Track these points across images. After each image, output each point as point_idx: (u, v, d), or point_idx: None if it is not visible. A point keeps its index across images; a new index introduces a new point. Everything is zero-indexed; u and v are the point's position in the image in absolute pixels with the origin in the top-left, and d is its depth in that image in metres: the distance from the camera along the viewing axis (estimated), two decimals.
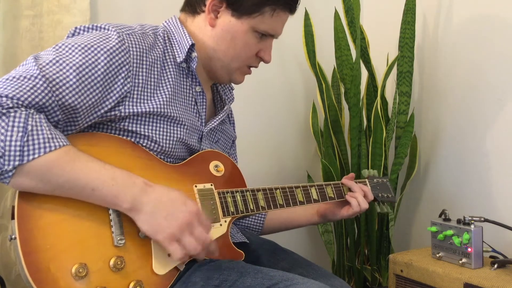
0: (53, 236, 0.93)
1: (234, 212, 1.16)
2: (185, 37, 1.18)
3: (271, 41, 1.24)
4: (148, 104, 1.09)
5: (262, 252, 1.30)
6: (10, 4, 1.47)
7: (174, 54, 1.17)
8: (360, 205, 1.35)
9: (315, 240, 2.23)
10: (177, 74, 1.17)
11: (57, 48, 1.02)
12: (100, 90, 1.03)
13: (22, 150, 0.90)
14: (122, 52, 1.05)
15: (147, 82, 1.10)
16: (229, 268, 1.06)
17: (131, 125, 1.09)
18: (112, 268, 0.96)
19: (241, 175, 1.24)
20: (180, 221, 0.98)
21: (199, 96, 1.22)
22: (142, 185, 0.99)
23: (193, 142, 1.19)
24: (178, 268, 1.05)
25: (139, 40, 1.10)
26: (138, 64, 1.08)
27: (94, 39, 1.05)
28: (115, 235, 0.98)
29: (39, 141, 0.91)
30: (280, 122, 2.17)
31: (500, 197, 1.82)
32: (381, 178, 1.51)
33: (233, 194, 1.17)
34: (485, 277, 1.45)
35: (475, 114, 1.89)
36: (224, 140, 1.36)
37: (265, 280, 1.02)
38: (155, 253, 1.02)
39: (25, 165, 0.90)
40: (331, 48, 2.01)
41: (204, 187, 1.15)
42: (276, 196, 1.24)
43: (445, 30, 2.00)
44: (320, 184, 1.35)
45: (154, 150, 1.11)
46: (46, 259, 0.91)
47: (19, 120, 0.90)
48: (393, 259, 1.67)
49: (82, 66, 1.00)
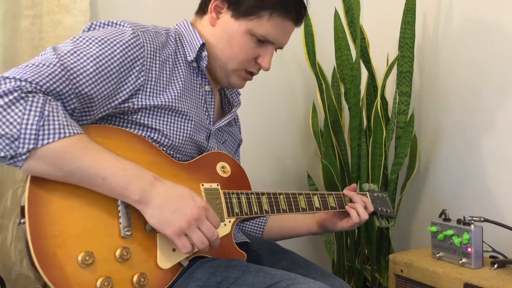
0: (62, 223, 0.94)
1: (239, 213, 1.17)
2: (196, 37, 1.21)
3: (271, 49, 1.24)
4: (160, 98, 1.12)
5: (263, 252, 1.31)
6: (10, 4, 1.47)
7: (185, 54, 1.21)
8: (360, 216, 1.36)
9: (315, 240, 2.23)
10: (188, 73, 1.20)
11: (75, 40, 1.05)
12: (115, 81, 1.06)
13: (37, 134, 0.91)
14: (137, 46, 1.09)
15: (159, 78, 1.13)
16: (231, 266, 1.07)
17: (143, 118, 1.11)
18: (117, 258, 0.98)
19: (246, 177, 1.26)
20: (188, 216, 0.99)
21: (208, 95, 1.24)
22: (152, 179, 1.00)
23: (201, 139, 1.21)
24: (182, 264, 1.06)
25: (153, 38, 1.13)
26: (151, 60, 1.11)
27: (110, 34, 1.08)
28: (123, 226, 0.99)
29: (55, 126, 0.93)
30: (280, 122, 2.17)
31: (500, 197, 1.82)
32: (381, 193, 1.52)
33: (238, 195, 1.19)
34: (485, 277, 1.45)
35: (475, 114, 1.89)
36: (231, 142, 1.38)
37: (266, 278, 1.03)
38: (160, 247, 1.03)
39: (39, 149, 0.92)
40: (331, 48, 2.02)
41: (211, 187, 1.16)
42: (280, 201, 1.25)
43: (445, 30, 2.00)
44: (322, 193, 1.36)
45: (164, 144, 1.13)
46: (54, 245, 0.92)
47: (37, 105, 0.92)
48: (393, 259, 1.67)
49: (99, 57, 1.03)
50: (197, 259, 1.10)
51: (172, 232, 0.99)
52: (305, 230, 1.45)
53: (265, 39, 1.21)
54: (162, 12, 1.81)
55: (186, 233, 1.00)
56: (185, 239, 1.00)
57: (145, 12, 1.78)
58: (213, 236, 1.03)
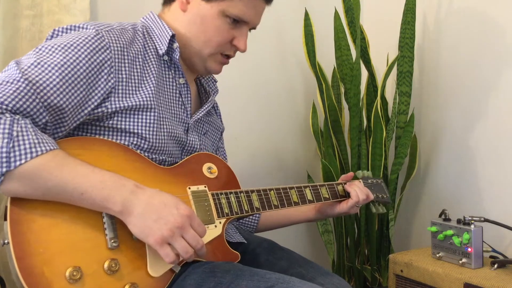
0: (46, 240, 0.92)
1: (229, 213, 1.16)
2: (165, 29, 1.18)
3: (246, 29, 1.22)
4: (133, 98, 1.09)
5: (261, 251, 1.30)
6: (10, 4, 1.47)
7: (155, 47, 1.18)
8: (359, 195, 1.36)
9: (315, 240, 2.23)
10: (160, 67, 1.17)
11: (37, 51, 1.02)
12: (84, 88, 1.02)
13: (9, 156, 0.89)
14: (102, 48, 1.06)
15: (130, 77, 1.10)
16: (224, 270, 1.05)
17: (119, 123, 1.08)
18: (106, 270, 0.96)
19: (234, 176, 1.24)
20: (171, 225, 0.97)
21: (183, 88, 1.22)
22: (132, 187, 0.98)
23: (180, 134, 1.19)
24: (174, 270, 1.04)
25: (118, 36, 1.10)
26: (119, 60, 1.08)
27: (73, 39, 1.05)
28: (109, 237, 0.97)
29: (25, 146, 0.90)
30: (280, 122, 2.17)
31: (500, 197, 1.82)
32: (376, 179, 1.51)
33: (227, 195, 1.17)
34: (485, 277, 1.45)
35: (475, 114, 1.89)
36: (212, 132, 1.36)
37: (261, 282, 1.01)
38: (150, 255, 1.01)
39: (13, 171, 0.89)
40: (331, 48, 2.02)
41: (198, 189, 1.14)
42: (271, 197, 1.24)
43: (445, 30, 2.00)
44: (314, 185, 1.35)
45: (145, 148, 1.11)
46: (40, 263, 0.91)
47: (4, 127, 0.89)
48: (393, 259, 1.67)
49: (64, 65, 1.00)
50: (190, 264, 1.07)
51: (155, 241, 0.96)
52: (302, 216, 1.44)
53: (239, 18, 1.18)
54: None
55: (169, 242, 0.97)
56: (168, 248, 0.97)
57: (145, 12, 1.77)
58: (198, 245, 1.00)
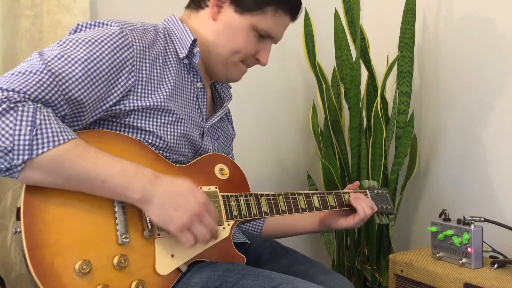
0: (58, 231, 0.93)
1: (237, 216, 1.16)
2: (187, 33, 1.19)
3: (270, 43, 1.25)
4: (151, 98, 1.10)
5: (263, 250, 1.31)
6: (10, 4, 1.47)
7: (176, 50, 1.18)
8: (365, 211, 1.35)
9: (315, 239, 2.23)
10: (179, 70, 1.18)
11: (61, 44, 1.03)
12: (105, 84, 1.04)
13: (31, 144, 0.90)
14: (125, 47, 1.06)
15: (150, 77, 1.11)
16: (229, 269, 1.06)
17: (135, 120, 1.09)
18: (115, 266, 0.96)
19: (245, 179, 1.25)
20: (190, 212, 1.00)
21: (201, 92, 1.23)
22: (151, 176, 0.99)
23: (195, 137, 1.19)
24: (181, 269, 1.05)
25: (141, 36, 1.11)
26: (141, 59, 1.09)
27: (98, 34, 1.05)
28: (120, 233, 0.98)
29: (48, 134, 0.91)
30: (280, 122, 2.17)
31: (500, 197, 1.82)
32: (381, 190, 1.51)
33: (237, 198, 1.18)
34: (485, 277, 1.45)
35: (475, 114, 1.89)
36: (224, 138, 1.37)
37: (265, 282, 1.02)
38: (159, 253, 1.02)
39: (35, 159, 0.90)
40: (331, 48, 2.02)
41: (209, 190, 1.15)
42: (279, 202, 1.25)
43: (445, 30, 2.00)
44: (322, 192, 1.35)
45: (160, 146, 1.12)
46: (50, 254, 0.91)
47: (27, 114, 0.90)
48: (393, 259, 1.67)
49: (87, 60, 1.01)
50: (196, 264, 1.08)
51: (176, 228, 0.99)
52: (305, 228, 1.45)
53: (267, 34, 1.21)
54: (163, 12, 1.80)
55: (189, 227, 1.00)
56: (188, 234, 1.00)
57: (145, 11, 1.78)
58: (213, 229, 1.04)
